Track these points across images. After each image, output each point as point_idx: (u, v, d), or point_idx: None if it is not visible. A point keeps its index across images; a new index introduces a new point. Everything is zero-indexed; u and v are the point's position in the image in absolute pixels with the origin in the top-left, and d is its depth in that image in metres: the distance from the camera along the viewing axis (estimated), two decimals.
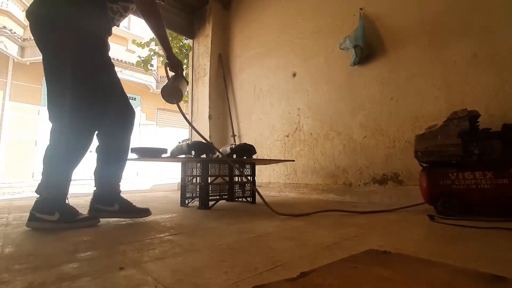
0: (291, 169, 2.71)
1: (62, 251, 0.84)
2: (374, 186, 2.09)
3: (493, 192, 1.30)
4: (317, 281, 0.54)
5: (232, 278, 0.61)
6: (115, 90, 1.41)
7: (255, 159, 2.15)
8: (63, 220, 1.18)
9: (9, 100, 7.21)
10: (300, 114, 2.68)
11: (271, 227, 1.18)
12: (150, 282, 0.59)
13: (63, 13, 1.20)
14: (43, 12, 1.20)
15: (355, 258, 0.69)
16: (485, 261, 0.72)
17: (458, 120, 1.42)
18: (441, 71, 1.83)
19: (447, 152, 1.42)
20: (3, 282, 0.60)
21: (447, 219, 1.26)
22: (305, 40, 2.69)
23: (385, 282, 0.53)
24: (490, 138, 1.35)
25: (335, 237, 0.98)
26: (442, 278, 0.55)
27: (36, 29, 1.21)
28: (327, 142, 2.44)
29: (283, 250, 0.82)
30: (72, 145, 1.27)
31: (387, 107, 2.07)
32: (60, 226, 1.16)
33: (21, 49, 7.30)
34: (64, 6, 1.22)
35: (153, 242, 0.93)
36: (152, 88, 9.81)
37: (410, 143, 1.88)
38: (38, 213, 1.17)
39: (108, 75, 1.36)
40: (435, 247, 0.87)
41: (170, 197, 2.62)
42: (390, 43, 2.09)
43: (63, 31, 1.20)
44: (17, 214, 1.59)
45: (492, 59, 1.64)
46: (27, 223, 1.17)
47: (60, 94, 1.22)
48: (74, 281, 0.60)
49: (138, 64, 5.06)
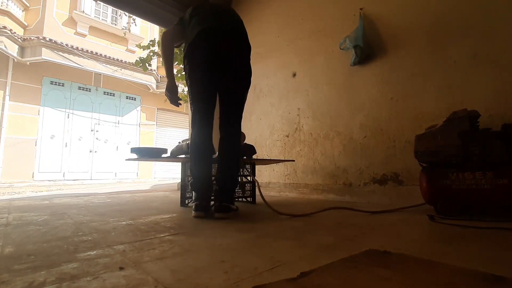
0: (291, 169, 2.71)
1: (62, 251, 0.84)
2: (374, 186, 2.09)
3: (493, 192, 1.30)
4: (317, 281, 0.54)
5: (232, 278, 0.61)
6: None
7: (255, 159, 2.15)
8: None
9: (9, 100, 7.20)
10: (300, 114, 2.68)
11: (271, 227, 1.18)
12: (150, 282, 0.59)
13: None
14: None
15: (355, 258, 0.69)
16: (485, 261, 0.72)
17: (458, 120, 1.42)
18: (441, 71, 1.83)
19: (447, 152, 1.42)
20: (3, 282, 0.60)
21: (447, 219, 1.26)
22: (305, 40, 2.69)
23: (385, 282, 0.53)
24: (490, 138, 1.35)
25: (335, 237, 0.98)
26: (442, 278, 0.55)
27: (248, 52, 1.59)
28: (327, 142, 2.44)
29: (283, 250, 0.82)
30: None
31: (387, 107, 2.07)
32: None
33: (21, 49, 7.30)
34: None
35: (153, 242, 0.93)
36: (152, 88, 9.80)
37: (410, 143, 1.87)
38: (231, 204, 1.44)
39: None
40: (435, 247, 0.87)
41: (170, 197, 2.62)
42: (390, 43, 2.09)
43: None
44: (17, 214, 1.59)
45: (492, 59, 1.64)
46: (223, 215, 1.39)
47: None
48: (74, 281, 0.60)
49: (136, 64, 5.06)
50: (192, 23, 1.56)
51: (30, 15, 8.04)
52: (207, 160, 1.52)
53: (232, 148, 1.53)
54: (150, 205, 2.01)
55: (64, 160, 8.03)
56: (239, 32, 1.57)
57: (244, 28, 1.64)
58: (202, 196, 1.44)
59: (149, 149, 1.88)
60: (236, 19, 1.63)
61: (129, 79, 9.10)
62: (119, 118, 9.34)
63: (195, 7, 1.63)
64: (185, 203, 1.96)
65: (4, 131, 7.05)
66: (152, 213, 1.62)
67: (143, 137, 9.79)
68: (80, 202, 2.23)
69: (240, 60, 1.55)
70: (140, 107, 9.92)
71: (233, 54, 1.52)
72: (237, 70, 1.55)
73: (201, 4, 1.65)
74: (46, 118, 7.81)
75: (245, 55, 1.58)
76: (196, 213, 1.41)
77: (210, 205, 1.51)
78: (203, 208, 1.41)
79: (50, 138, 7.85)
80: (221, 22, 1.53)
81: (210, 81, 1.50)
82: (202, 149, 1.50)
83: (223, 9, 1.65)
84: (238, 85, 1.56)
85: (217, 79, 1.51)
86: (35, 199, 2.65)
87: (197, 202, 1.41)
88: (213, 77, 1.50)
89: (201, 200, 1.42)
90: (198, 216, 1.41)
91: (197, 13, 1.59)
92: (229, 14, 1.63)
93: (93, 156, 8.59)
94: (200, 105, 1.51)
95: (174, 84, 1.60)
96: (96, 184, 6.69)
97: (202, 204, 1.41)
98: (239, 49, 1.55)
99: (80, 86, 8.55)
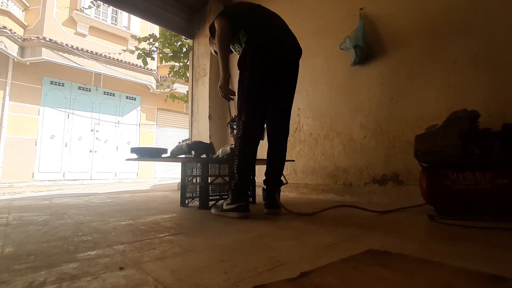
0: (291, 169, 2.71)
1: (62, 251, 0.84)
2: (374, 186, 2.09)
3: (493, 192, 1.30)
4: (317, 281, 0.54)
5: (232, 278, 0.61)
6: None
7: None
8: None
9: (9, 100, 7.21)
10: (300, 114, 2.68)
11: (271, 227, 1.18)
12: (150, 282, 0.59)
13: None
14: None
15: (355, 258, 0.69)
16: (485, 261, 0.72)
17: (458, 120, 1.42)
18: (441, 71, 1.83)
19: (447, 152, 1.42)
20: (3, 282, 0.60)
21: (447, 219, 1.26)
22: (305, 40, 2.69)
23: (385, 282, 0.53)
24: (490, 138, 1.35)
25: (335, 237, 0.98)
26: (442, 278, 0.55)
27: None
28: (327, 142, 2.44)
29: (283, 250, 0.82)
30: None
31: (387, 107, 2.07)
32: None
33: (21, 49, 7.30)
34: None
35: (153, 242, 0.93)
36: (152, 88, 9.81)
37: (410, 143, 1.87)
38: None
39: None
40: (435, 247, 0.87)
41: (170, 197, 2.62)
42: (390, 43, 2.09)
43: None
44: (17, 214, 1.59)
45: (492, 59, 1.64)
46: (275, 211, 1.53)
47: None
48: (74, 281, 0.60)
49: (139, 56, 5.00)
50: (254, 23, 1.60)
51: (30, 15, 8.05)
52: (254, 162, 1.57)
53: (285, 150, 1.70)
54: (150, 205, 2.01)
55: (64, 160, 8.03)
56: (298, 46, 1.67)
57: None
58: (246, 197, 1.47)
59: (149, 149, 1.88)
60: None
61: (129, 79, 9.10)
62: (119, 118, 9.35)
63: (250, 8, 1.69)
64: (185, 203, 1.96)
65: (4, 131, 7.05)
66: (152, 213, 1.62)
67: (143, 137, 9.79)
68: (80, 202, 2.23)
69: (296, 71, 1.69)
70: (140, 107, 9.93)
71: (294, 65, 1.67)
72: (294, 79, 1.69)
73: (255, 6, 1.71)
74: (46, 118, 7.81)
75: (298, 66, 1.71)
76: (243, 214, 1.40)
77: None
78: (248, 208, 1.44)
79: (50, 138, 7.85)
80: (286, 36, 1.62)
81: (271, 87, 1.57)
82: (254, 150, 1.53)
83: (278, 17, 1.76)
84: (292, 93, 1.69)
85: (277, 86, 1.62)
86: (35, 199, 2.65)
87: (242, 203, 1.42)
88: (274, 84, 1.59)
89: (246, 201, 1.45)
90: (245, 217, 1.40)
91: (256, 16, 1.65)
92: (285, 24, 1.72)
93: (93, 156, 8.59)
94: (258, 106, 1.52)
95: (229, 79, 1.68)
96: (96, 184, 6.70)
97: (247, 204, 1.44)
98: (298, 60, 1.68)
99: (80, 86, 8.55)
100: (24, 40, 7.27)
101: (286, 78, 1.64)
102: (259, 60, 1.52)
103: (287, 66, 1.62)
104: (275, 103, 1.66)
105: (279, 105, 1.67)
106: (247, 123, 1.48)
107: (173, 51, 4.91)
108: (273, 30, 1.59)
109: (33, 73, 7.62)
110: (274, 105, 1.66)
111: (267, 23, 1.63)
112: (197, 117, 3.54)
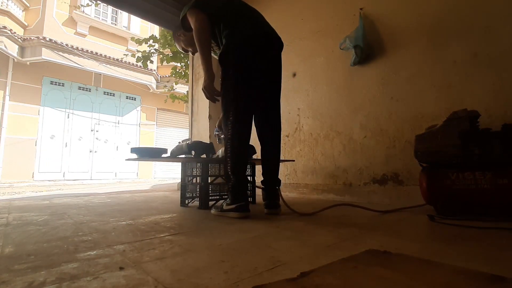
0: (291, 169, 2.71)
1: (62, 251, 0.84)
2: (374, 186, 2.09)
3: (493, 192, 1.30)
4: (317, 281, 0.54)
5: (232, 278, 0.61)
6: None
7: (255, 159, 2.15)
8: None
9: (9, 100, 7.21)
10: (300, 114, 2.68)
11: (271, 227, 1.18)
12: (150, 282, 0.59)
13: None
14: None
15: (355, 258, 0.69)
16: (485, 261, 0.72)
17: (458, 120, 1.42)
18: (441, 71, 1.83)
19: (447, 152, 1.42)
20: (3, 282, 0.60)
21: (447, 219, 1.26)
22: (305, 40, 2.69)
23: (385, 282, 0.53)
24: (490, 138, 1.35)
25: (335, 237, 0.98)
26: (442, 278, 0.55)
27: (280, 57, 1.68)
28: (327, 142, 2.44)
29: (283, 250, 0.82)
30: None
31: (387, 107, 2.07)
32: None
33: (21, 49, 7.30)
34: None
35: (153, 242, 0.93)
36: (152, 88, 9.81)
37: (410, 143, 1.88)
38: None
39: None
40: (435, 247, 0.86)
41: (170, 197, 2.62)
42: (390, 43, 2.09)
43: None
44: (17, 214, 1.59)
45: (492, 59, 1.64)
46: (275, 211, 1.53)
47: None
48: (74, 281, 0.60)
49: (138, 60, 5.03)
50: (237, 16, 1.53)
51: (30, 15, 8.05)
52: (247, 161, 1.57)
53: (278, 152, 1.68)
54: (150, 205, 2.01)
55: (64, 160, 8.04)
56: (280, 40, 1.66)
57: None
58: (245, 197, 1.46)
59: (149, 149, 1.88)
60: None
61: (129, 79, 9.10)
62: (119, 118, 9.35)
63: (227, 1, 1.58)
64: (185, 203, 1.96)
65: (4, 131, 7.06)
66: (152, 213, 1.62)
67: (143, 137, 9.79)
68: (80, 202, 2.23)
69: (280, 65, 1.69)
70: (140, 107, 9.93)
71: (278, 59, 1.67)
72: (278, 74, 1.68)
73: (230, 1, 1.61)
74: (46, 118, 7.82)
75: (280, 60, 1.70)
76: (243, 214, 1.39)
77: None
78: (248, 208, 1.43)
79: (50, 138, 7.86)
80: (269, 29, 1.60)
81: (257, 82, 1.55)
82: (245, 149, 1.51)
83: (257, 11, 1.68)
84: (279, 89, 1.70)
85: (263, 81, 1.60)
86: (35, 199, 2.65)
87: (242, 203, 1.40)
88: (260, 79, 1.57)
89: (246, 201, 1.44)
90: (245, 217, 1.39)
91: (236, 8, 1.57)
92: (264, 18, 1.68)
93: (93, 156, 8.60)
94: (246, 103, 1.47)
95: (214, 78, 1.58)
96: (96, 184, 6.70)
97: (247, 204, 1.43)
98: (280, 55, 1.68)
99: (80, 86, 8.55)
100: (24, 40, 7.27)
101: (271, 73, 1.61)
102: (244, 54, 1.46)
103: (271, 60, 1.59)
104: (262, 101, 1.61)
105: (267, 102, 1.63)
106: (235, 123, 1.43)
107: (173, 51, 4.92)
108: (256, 23, 1.55)
109: (33, 73, 7.62)
110: (261, 103, 1.61)
111: (250, 15, 1.58)
112: (197, 117, 3.53)
